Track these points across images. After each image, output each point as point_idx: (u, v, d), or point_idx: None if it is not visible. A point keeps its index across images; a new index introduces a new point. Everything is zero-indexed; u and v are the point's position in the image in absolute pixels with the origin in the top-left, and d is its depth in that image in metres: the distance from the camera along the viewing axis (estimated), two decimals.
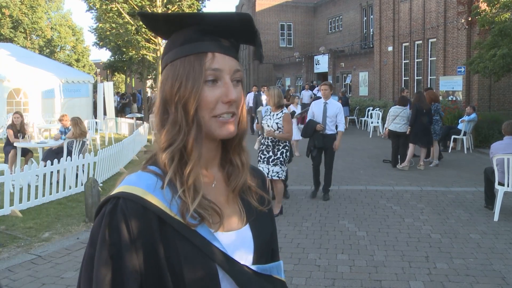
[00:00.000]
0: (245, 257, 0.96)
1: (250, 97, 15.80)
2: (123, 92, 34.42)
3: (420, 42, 18.15)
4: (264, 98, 16.10)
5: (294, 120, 10.35)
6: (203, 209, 0.90)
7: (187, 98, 0.90)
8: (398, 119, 9.42)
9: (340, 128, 6.85)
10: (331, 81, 25.32)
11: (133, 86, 38.76)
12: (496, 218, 5.86)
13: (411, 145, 9.35)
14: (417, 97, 9.53)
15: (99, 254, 0.86)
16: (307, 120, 7.15)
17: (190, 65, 0.91)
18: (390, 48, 19.90)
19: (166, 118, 0.93)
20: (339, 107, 6.90)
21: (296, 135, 9.95)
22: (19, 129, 8.60)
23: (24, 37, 35.48)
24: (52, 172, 6.78)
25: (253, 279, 0.95)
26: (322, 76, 27.45)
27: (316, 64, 28.08)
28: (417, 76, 18.60)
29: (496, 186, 6.05)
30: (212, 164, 0.99)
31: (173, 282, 0.87)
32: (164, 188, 0.90)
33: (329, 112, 6.82)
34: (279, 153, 5.83)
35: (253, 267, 0.97)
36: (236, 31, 0.94)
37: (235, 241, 0.96)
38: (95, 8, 20.29)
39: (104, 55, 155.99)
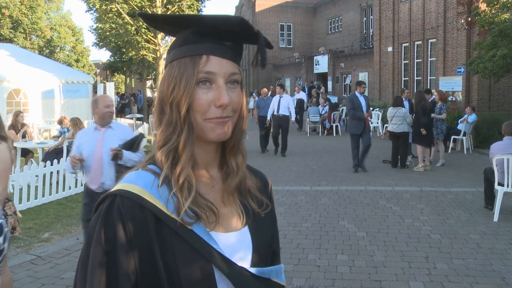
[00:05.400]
0: (243, 259, 0.95)
1: (275, 100, 12.07)
2: (122, 92, 34.42)
3: (420, 42, 18.15)
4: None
5: None
6: (198, 207, 0.90)
7: (179, 99, 0.90)
8: (395, 119, 9.49)
9: None
10: (330, 81, 25.15)
11: (133, 86, 38.79)
12: (495, 218, 5.86)
13: (418, 146, 9.38)
14: (418, 97, 9.55)
15: (94, 251, 0.86)
16: None
17: (185, 66, 0.91)
18: (389, 49, 19.90)
19: (162, 117, 0.94)
20: None
21: None
22: (20, 129, 8.65)
23: (23, 38, 35.48)
24: (52, 172, 6.79)
25: (250, 281, 0.94)
26: (322, 77, 27.47)
27: (316, 65, 28.11)
28: (416, 77, 18.59)
29: (496, 186, 6.05)
30: (212, 165, 0.99)
31: (169, 281, 0.87)
32: (161, 186, 0.90)
33: None
34: None
35: (252, 270, 0.96)
36: (234, 33, 0.94)
37: (233, 242, 0.95)
38: (95, 9, 20.27)
39: (104, 55, 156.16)
